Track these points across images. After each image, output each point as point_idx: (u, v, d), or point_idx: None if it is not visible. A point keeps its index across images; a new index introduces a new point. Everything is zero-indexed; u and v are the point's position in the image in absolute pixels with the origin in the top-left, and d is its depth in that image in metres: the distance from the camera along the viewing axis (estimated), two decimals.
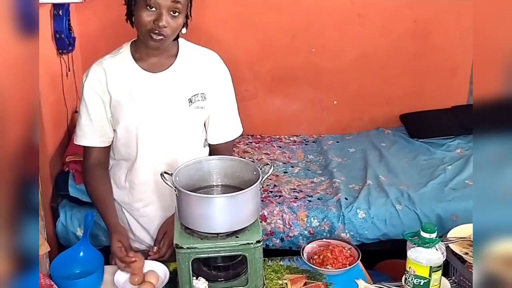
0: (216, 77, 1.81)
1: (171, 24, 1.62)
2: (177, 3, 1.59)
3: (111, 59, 1.76)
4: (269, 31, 3.74)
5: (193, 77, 1.77)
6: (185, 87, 1.76)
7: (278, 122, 3.92)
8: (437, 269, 1.50)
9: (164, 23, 1.59)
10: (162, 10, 1.59)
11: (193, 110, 1.77)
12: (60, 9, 3.06)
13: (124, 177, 1.85)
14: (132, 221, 1.91)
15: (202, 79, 1.78)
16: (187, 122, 1.79)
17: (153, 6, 1.58)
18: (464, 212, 2.82)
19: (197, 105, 1.77)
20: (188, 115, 1.77)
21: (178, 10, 1.61)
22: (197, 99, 1.77)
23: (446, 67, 3.92)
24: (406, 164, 3.40)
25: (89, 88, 1.75)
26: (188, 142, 1.81)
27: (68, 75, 3.30)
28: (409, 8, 3.78)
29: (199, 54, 1.80)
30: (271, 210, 2.93)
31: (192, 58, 1.78)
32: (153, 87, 1.74)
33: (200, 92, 1.77)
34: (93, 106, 1.76)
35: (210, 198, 1.54)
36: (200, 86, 1.78)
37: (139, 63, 1.75)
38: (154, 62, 1.75)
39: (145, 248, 1.91)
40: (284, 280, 1.70)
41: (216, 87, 1.80)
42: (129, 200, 1.87)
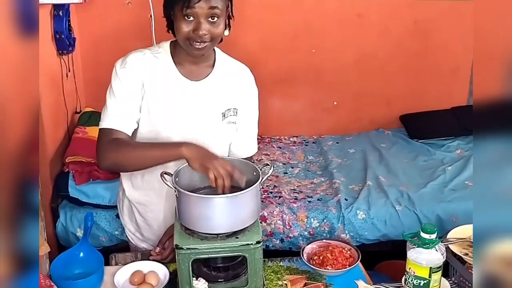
0: (248, 94, 1.80)
1: (211, 30, 1.59)
2: (214, 9, 1.56)
3: (152, 57, 1.69)
4: (269, 31, 3.74)
5: (227, 91, 1.76)
6: (220, 101, 1.74)
7: (278, 123, 3.93)
8: (437, 270, 1.50)
9: (204, 31, 1.57)
10: (200, 19, 1.56)
11: (225, 125, 1.76)
12: (60, 9, 3.06)
13: (141, 176, 1.82)
14: (142, 221, 1.90)
15: (236, 94, 1.77)
16: (218, 136, 1.77)
17: (190, 15, 1.56)
18: (464, 212, 2.83)
19: (229, 120, 1.76)
20: (220, 129, 1.76)
21: (216, 15, 1.57)
22: (230, 113, 1.76)
23: (446, 67, 3.93)
24: (406, 165, 3.41)
25: (128, 73, 1.65)
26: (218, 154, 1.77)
27: (68, 75, 3.30)
28: (409, 8, 3.78)
29: (234, 68, 1.79)
30: (271, 210, 2.93)
31: (228, 71, 1.77)
32: (190, 95, 1.72)
33: (233, 107, 1.76)
34: (127, 89, 1.65)
35: (210, 199, 1.54)
36: (233, 101, 1.76)
37: (178, 67, 1.71)
38: (193, 70, 1.72)
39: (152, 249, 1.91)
40: (284, 281, 1.70)
41: (247, 103, 1.80)
42: (143, 200, 1.86)
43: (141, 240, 1.93)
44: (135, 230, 1.93)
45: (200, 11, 1.55)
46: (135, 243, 1.96)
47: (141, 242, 1.93)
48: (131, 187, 1.87)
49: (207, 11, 1.56)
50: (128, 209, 1.92)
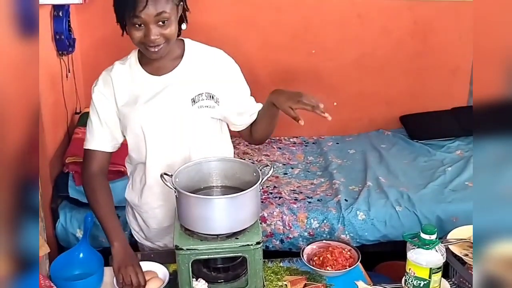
0: (225, 74, 1.80)
1: (163, 33, 1.60)
2: (161, 14, 1.57)
3: (120, 66, 1.78)
4: (269, 31, 3.74)
5: (198, 77, 1.76)
6: (189, 88, 1.75)
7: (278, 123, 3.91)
8: (437, 270, 1.50)
9: (154, 36, 1.59)
10: (149, 25, 1.58)
11: (196, 109, 1.76)
12: (60, 10, 3.06)
13: (139, 179, 1.87)
14: (143, 222, 1.92)
15: (209, 79, 1.77)
16: (189, 121, 1.77)
17: (139, 23, 1.58)
18: (464, 213, 2.82)
19: (201, 104, 1.76)
20: (190, 114, 1.76)
21: (165, 19, 1.59)
22: (202, 98, 1.76)
23: (446, 68, 3.92)
24: (406, 166, 3.40)
25: (99, 94, 1.77)
26: (196, 142, 1.79)
27: (68, 76, 3.30)
28: (409, 8, 3.78)
29: (205, 53, 1.79)
30: (271, 211, 2.93)
31: (198, 58, 1.78)
32: (157, 89, 1.74)
33: (205, 92, 1.76)
34: (103, 111, 1.77)
35: (210, 200, 1.54)
36: (205, 86, 1.76)
37: (144, 67, 1.75)
38: (159, 66, 1.75)
39: (156, 247, 1.94)
40: (284, 282, 1.70)
41: (227, 84, 1.79)
42: (138, 201, 1.88)
43: (145, 239, 1.97)
44: (139, 229, 1.97)
45: (148, 18, 1.57)
46: (140, 242, 2.00)
47: (146, 241, 1.97)
48: (130, 189, 1.91)
49: (154, 18, 1.57)
50: (131, 209, 1.96)
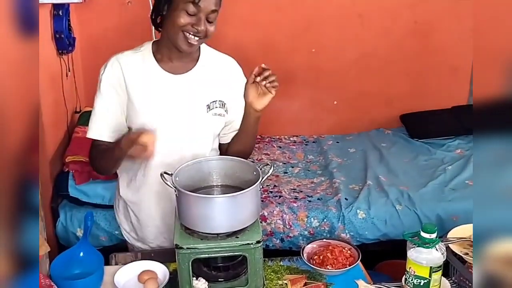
0: (236, 85, 1.81)
1: (208, 28, 1.64)
2: (214, 12, 1.63)
3: (131, 55, 1.74)
4: (269, 31, 3.74)
5: (213, 83, 1.77)
6: (204, 93, 1.76)
7: (278, 123, 3.92)
8: (437, 269, 1.50)
9: (203, 27, 1.63)
10: (202, 17, 1.62)
11: (210, 116, 1.77)
12: (60, 9, 3.06)
13: (138, 176, 1.83)
14: (137, 221, 1.90)
15: (222, 86, 1.78)
16: (203, 128, 1.78)
17: (193, 11, 1.61)
18: (464, 212, 2.82)
19: (215, 112, 1.77)
20: (204, 121, 1.77)
21: (214, 18, 1.65)
22: (216, 105, 1.77)
23: (446, 67, 3.93)
24: (406, 165, 3.41)
25: (106, 82, 1.72)
26: (202, 146, 1.80)
27: (68, 75, 3.30)
28: (410, 8, 3.78)
29: (220, 61, 1.81)
30: (271, 210, 2.93)
31: (212, 64, 1.79)
32: (173, 89, 1.73)
33: (219, 100, 1.77)
34: (109, 100, 1.73)
35: (210, 199, 1.54)
36: (219, 93, 1.78)
37: (160, 64, 1.74)
38: (176, 65, 1.74)
39: (148, 248, 1.92)
40: (284, 281, 1.70)
41: (235, 94, 1.80)
42: (136, 199, 1.86)
43: (136, 239, 1.93)
44: (130, 229, 1.94)
45: (204, 9, 1.62)
46: (131, 243, 1.96)
47: (137, 242, 1.93)
48: (125, 186, 1.88)
49: (209, 11, 1.63)
50: (123, 208, 1.93)
